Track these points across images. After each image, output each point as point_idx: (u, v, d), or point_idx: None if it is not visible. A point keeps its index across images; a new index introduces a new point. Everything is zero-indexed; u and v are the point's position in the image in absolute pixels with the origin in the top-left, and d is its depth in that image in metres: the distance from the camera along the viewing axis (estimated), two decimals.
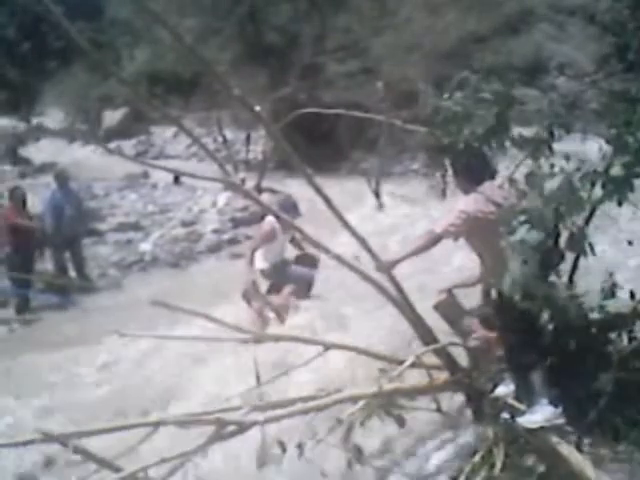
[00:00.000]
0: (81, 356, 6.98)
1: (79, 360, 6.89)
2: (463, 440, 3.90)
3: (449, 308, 4.50)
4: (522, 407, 3.73)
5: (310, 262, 7.26)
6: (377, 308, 5.36)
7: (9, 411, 5.83)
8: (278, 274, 7.13)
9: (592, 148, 3.40)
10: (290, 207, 7.09)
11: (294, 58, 19.40)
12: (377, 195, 13.25)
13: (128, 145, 24.36)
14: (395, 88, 13.33)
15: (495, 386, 4.02)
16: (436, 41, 15.89)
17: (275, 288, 7.16)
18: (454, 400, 4.18)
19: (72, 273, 10.47)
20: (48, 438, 3.51)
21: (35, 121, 27.64)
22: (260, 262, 7.06)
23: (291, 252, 7.39)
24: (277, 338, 5.36)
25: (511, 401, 3.84)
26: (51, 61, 30.99)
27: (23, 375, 6.65)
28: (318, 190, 3.79)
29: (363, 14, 19.30)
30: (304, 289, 7.17)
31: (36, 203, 10.72)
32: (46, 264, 10.41)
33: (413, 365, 3.88)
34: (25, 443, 3.57)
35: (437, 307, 4.54)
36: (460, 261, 6.17)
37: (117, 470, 3.48)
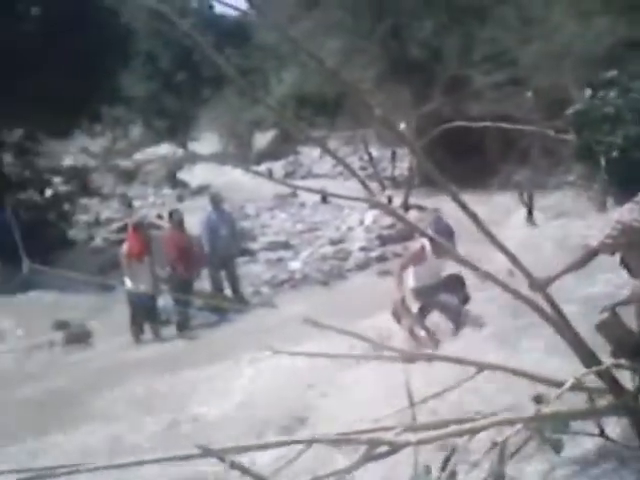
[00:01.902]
0: (235, 371, 7.20)
1: (233, 375, 7.11)
2: (629, 468, 3.65)
3: (613, 328, 4.25)
4: None
5: (457, 283, 7.00)
6: (532, 326, 5.15)
7: (168, 425, 6.08)
8: (428, 297, 6.99)
9: None
10: (443, 228, 6.79)
11: (439, 72, 19.24)
12: (529, 209, 12.82)
13: (277, 166, 25.10)
14: (545, 97, 12.90)
15: None
16: (587, 47, 15.23)
17: (425, 311, 7.01)
18: (618, 425, 3.93)
19: (228, 291, 10.86)
20: (206, 453, 3.63)
21: (191, 146, 29.12)
22: (411, 282, 6.94)
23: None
24: (429, 357, 5.28)
25: None
26: (205, 88, 32.59)
27: (182, 389, 6.95)
28: (464, 206, 3.70)
29: (509, 23, 18.85)
30: (453, 321, 6.86)
31: (194, 224, 11.24)
32: (203, 283, 10.87)
33: (573, 387, 3.69)
34: (183, 458, 3.70)
35: (600, 327, 4.30)
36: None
37: None
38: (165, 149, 26.44)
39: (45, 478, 3.29)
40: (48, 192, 17.42)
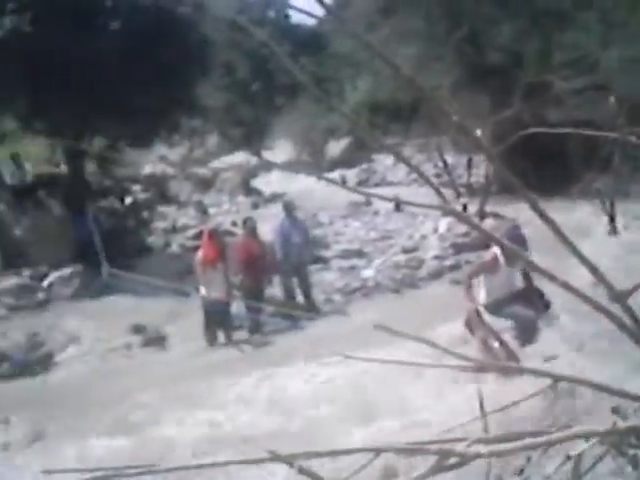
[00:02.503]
0: (305, 376, 7.20)
1: (304, 380, 7.11)
2: None
3: None
4: None
5: (534, 295, 6.78)
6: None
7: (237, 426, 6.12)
8: (500, 311, 6.81)
9: None
10: (517, 238, 6.60)
11: (517, 77, 18.89)
12: (611, 218, 12.40)
13: (351, 174, 25.12)
14: (628, 103, 12.47)
15: None
16: None
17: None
18: None
19: (300, 298, 10.90)
20: (275, 458, 3.63)
21: (265, 154, 29.48)
22: (482, 295, 6.77)
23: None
24: (502, 368, 5.15)
25: None
26: (279, 97, 32.98)
27: (253, 393, 6.99)
28: (543, 215, 3.59)
29: (590, 27, 18.37)
30: (528, 335, 6.64)
31: (267, 232, 11.33)
32: (276, 290, 10.94)
33: None
34: (253, 462, 3.71)
35: None
36: None
37: None
38: (240, 157, 26.83)
39: (115, 477, 3.36)
40: (128, 200, 17.90)
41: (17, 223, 14.40)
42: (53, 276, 13.01)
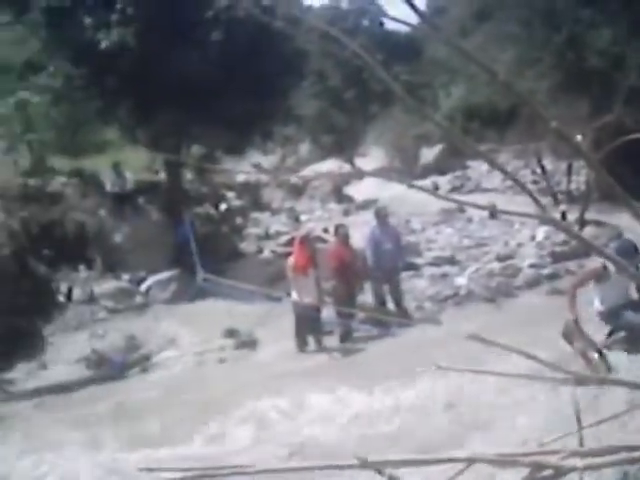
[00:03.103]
0: (397, 385, 7.12)
1: (394, 390, 7.03)
2: None
3: None
4: None
5: None
6: None
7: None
8: (615, 319, 6.56)
9: None
10: (629, 249, 6.35)
11: (619, 82, 18.21)
12: None
13: (444, 180, 24.83)
14: None
15: None
16: None
17: (615, 336, 6.59)
18: None
19: (391, 305, 10.83)
20: (365, 464, 3.60)
21: (357, 162, 29.52)
22: (597, 303, 6.57)
23: None
24: (602, 380, 4.96)
25: None
26: (373, 105, 32.97)
27: (342, 400, 6.98)
28: None
29: None
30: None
31: (358, 238, 11.32)
32: (366, 296, 10.90)
33: None
34: (342, 467, 3.69)
35: None
36: None
37: None
38: (331, 165, 26.96)
39: (209, 477, 3.41)
40: (222, 206, 18.29)
41: (117, 229, 14.96)
42: (151, 280, 13.45)
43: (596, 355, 6.25)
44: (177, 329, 11.16)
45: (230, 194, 20.75)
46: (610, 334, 6.59)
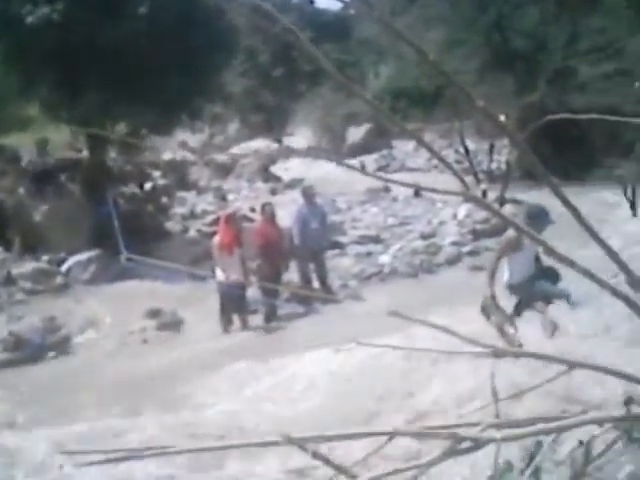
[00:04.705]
0: (319, 361, 7.16)
1: (316, 365, 7.07)
2: None
3: None
4: None
5: (552, 276, 6.74)
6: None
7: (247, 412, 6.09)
8: (526, 289, 6.74)
9: None
10: (539, 214, 6.56)
11: (543, 63, 18.67)
12: (632, 204, 12.24)
13: (370, 159, 25.00)
14: None
15: None
16: None
17: (524, 304, 6.76)
18: None
19: (316, 284, 10.88)
20: (288, 441, 3.60)
21: (285, 141, 29.42)
22: (507, 275, 6.71)
23: None
24: (517, 354, 5.07)
25: None
26: (302, 83, 32.85)
27: (265, 378, 6.97)
28: (565, 200, 3.52)
29: (617, 13, 18.09)
30: (566, 301, 6.64)
31: (285, 217, 11.30)
32: (292, 275, 10.92)
33: None
34: (265, 444, 3.68)
35: None
36: None
37: (353, 477, 3.46)
38: (260, 144, 26.78)
39: (132, 459, 3.34)
40: (147, 185, 17.93)
41: (36, 208, 14.47)
42: (71, 261, 13.06)
43: (513, 329, 6.42)
44: (98, 310, 10.90)
45: (156, 173, 20.32)
46: (517, 305, 6.77)
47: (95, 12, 12.75)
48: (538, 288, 6.64)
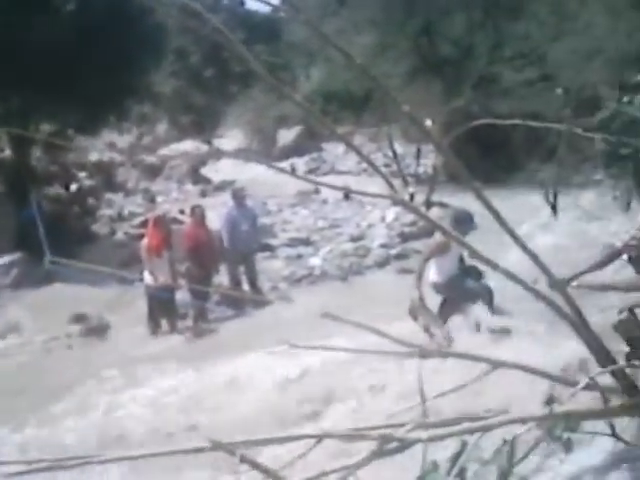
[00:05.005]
0: (249, 364, 7.16)
1: (247, 369, 7.07)
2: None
3: (630, 328, 4.15)
4: None
5: (475, 276, 6.95)
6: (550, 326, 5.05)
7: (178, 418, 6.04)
8: (452, 289, 6.90)
9: None
10: (465, 219, 6.78)
11: (468, 68, 19.11)
12: (553, 207, 12.63)
13: (301, 162, 25.07)
14: (575, 95, 12.71)
15: None
16: (619, 45, 15.00)
17: (450, 304, 6.94)
18: (631, 425, 3.82)
19: (246, 286, 10.85)
20: (216, 446, 3.58)
21: (216, 142, 29.20)
22: (434, 275, 6.86)
23: None
24: (443, 354, 5.20)
25: None
26: (232, 85, 32.68)
27: (195, 382, 6.93)
28: (487, 203, 3.65)
29: (541, 20, 18.67)
30: (488, 304, 6.80)
31: (215, 220, 11.24)
32: (222, 278, 10.87)
33: (587, 387, 3.59)
34: (192, 451, 3.66)
35: (617, 326, 4.21)
36: None
37: None
38: (189, 145, 26.52)
39: (55, 469, 3.27)
40: (73, 186, 17.55)
41: None
42: None
43: (439, 331, 6.57)
44: (21, 315, 10.59)
45: (82, 174, 19.89)
46: (443, 304, 6.94)
47: (18, 7, 12.39)
48: (462, 287, 6.83)
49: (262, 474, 3.61)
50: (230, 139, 29.94)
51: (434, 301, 6.93)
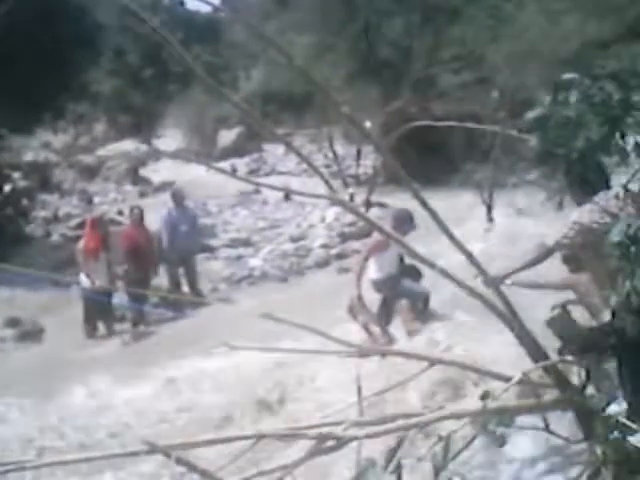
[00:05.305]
0: (188, 366, 7.11)
1: (185, 371, 7.02)
2: (572, 460, 3.66)
3: (562, 324, 4.26)
4: (634, 426, 3.44)
5: (414, 274, 7.04)
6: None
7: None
8: (391, 287, 6.97)
9: None
10: (405, 219, 6.87)
11: (407, 71, 19.31)
12: (489, 207, 12.89)
13: (242, 163, 24.96)
14: (511, 97, 12.99)
15: (607, 404, 3.74)
16: (554, 47, 15.38)
17: (388, 303, 7.01)
18: (563, 419, 3.94)
19: (185, 288, 10.75)
20: (153, 449, 3.54)
21: (155, 143, 28.85)
22: (373, 273, 6.92)
23: None
24: (382, 352, 5.27)
25: (623, 420, 3.54)
26: (172, 85, 32.33)
27: (131, 386, 6.84)
28: (424, 203, 3.71)
29: (478, 23, 18.98)
30: (421, 306, 6.94)
31: (155, 221, 11.11)
32: (161, 279, 10.74)
33: (521, 382, 3.68)
34: (130, 454, 3.62)
35: (550, 323, 4.31)
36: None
37: None
38: (128, 145, 26.13)
39: None
40: (6, 187, 17.09)
41: None
42: None
43: (378, 329, 6.64)
44: None
45: (16, 174, 19.37)
46: (384, 303, 7.01)
47: None
48: (401, 287, 6.91)
49: (200, 476, 3.59)
50: (170, 139, 29.65)
51: (375, 299, 6.99)
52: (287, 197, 17.46)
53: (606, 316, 3.70)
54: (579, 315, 4.32)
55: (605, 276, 3.57)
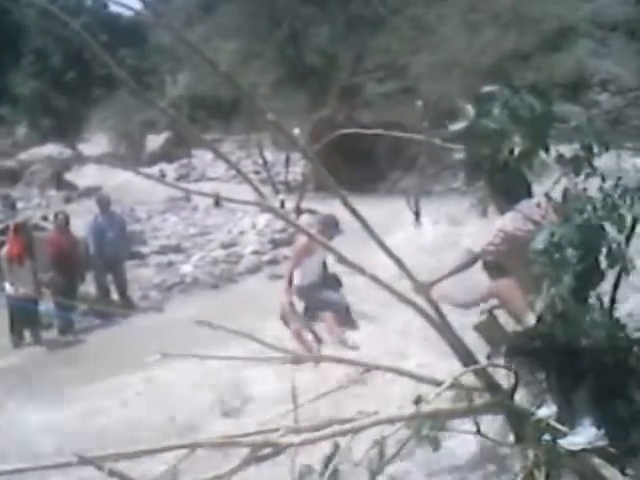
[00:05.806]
0: (116, 375, 7.01)
1: (115, 381, 6.92)
2: (504, 462, 3.80)
3: (490, 329, 4.42)
4: (564, 429, 3.61)
5: (334, 283, 7.17)
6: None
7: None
8: (313, 295, 7.06)
9: (629, 163, 3.32)
10: (332, 224, 6.98)
11: (333, 79, 19.51)
12: (416, 214, 13.14)
13: (170, 168, 24.74)
14: (434, 106, 13.29)
15: (537, 407, 3.90)
16: (475, 59, 15.83)
17: (311, 312, 7.09)
18: (494, 422, 4.08)
19: (114, 295, 10.61)
20: (83, 461, 3.50)
21: (80, 147, 28.26)
22: (297, 279, 7.00)
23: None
24: (317, 359, 5.34)
25: (553, 423, 3.72)
26: (96, 88, 31.73)
27: (60, 395, 6.70)
28: (353, 211, 3.78)
29: (402, 34, 19.33)
30: (343, 317, 7.02)
31: (80, 227, 10.91)
32: (89, 287, 10.56)
33: (452, 387, 3.80)
34: (60, 466, 3.57)
35: (478, 328, 4.47)
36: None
37: None
38: (51, 149, 25.49)
39: None
40: None
41: None
42: None
43: (310, 335, 6.72)
44: None
45: None
46: (306, 310, 7.11)
47: None
48: (319, 295, 7.01)
49: None
50: (95, 143, 29.09)
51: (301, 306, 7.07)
52: (217, 203, 17.41)
53: (531, 320, 3.87)
54: (504, 320, 4.49)
55: (530, 282, 3.72)
